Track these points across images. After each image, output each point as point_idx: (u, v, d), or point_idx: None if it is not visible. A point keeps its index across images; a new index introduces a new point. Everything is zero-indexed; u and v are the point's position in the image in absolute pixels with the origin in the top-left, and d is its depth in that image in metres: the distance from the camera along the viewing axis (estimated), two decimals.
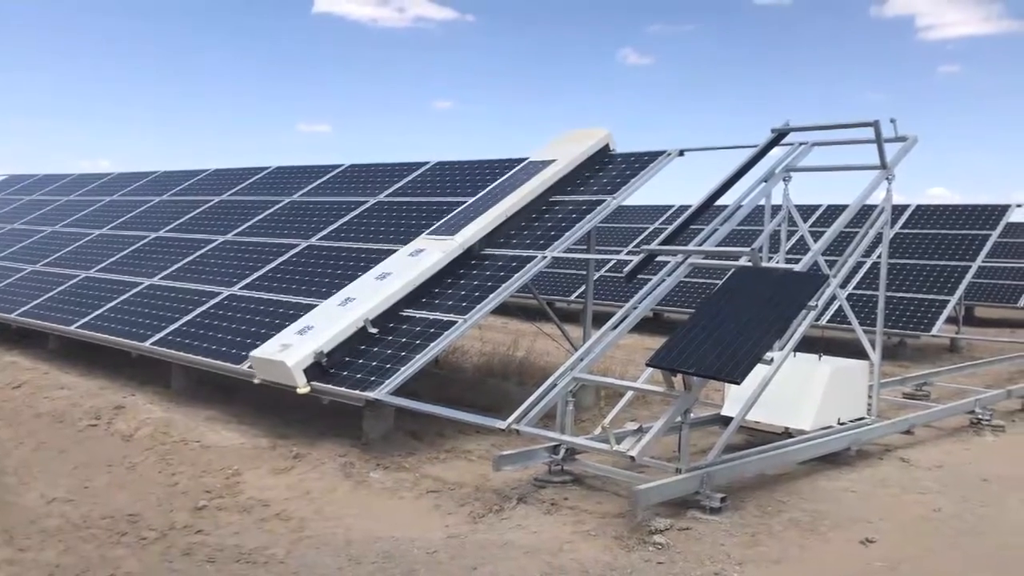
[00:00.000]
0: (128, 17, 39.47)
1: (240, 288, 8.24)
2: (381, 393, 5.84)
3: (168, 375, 7.70)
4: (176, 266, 9.39)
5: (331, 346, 6.23)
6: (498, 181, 8.29)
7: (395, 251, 7.87)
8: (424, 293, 6.92)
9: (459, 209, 7.91)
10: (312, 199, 10.08)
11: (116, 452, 5.84)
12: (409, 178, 9.61)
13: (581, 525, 4.58)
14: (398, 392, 5.89)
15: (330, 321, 6.43)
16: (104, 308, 8.83)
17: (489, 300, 6.58)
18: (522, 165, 8.34)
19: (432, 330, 6.42)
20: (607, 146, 8.26)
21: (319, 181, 10.56)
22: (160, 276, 9.23)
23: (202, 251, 9.61)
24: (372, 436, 6.12)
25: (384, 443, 6.08)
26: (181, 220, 10.93)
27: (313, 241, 8.81)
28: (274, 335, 7.00)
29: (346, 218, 9.10)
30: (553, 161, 8.02)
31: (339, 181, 10.36)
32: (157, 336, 7.74)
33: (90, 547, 4.18)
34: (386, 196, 9.34)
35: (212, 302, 8.14)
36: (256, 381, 6.38)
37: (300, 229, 9.25)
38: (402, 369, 6.01)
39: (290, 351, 6.14)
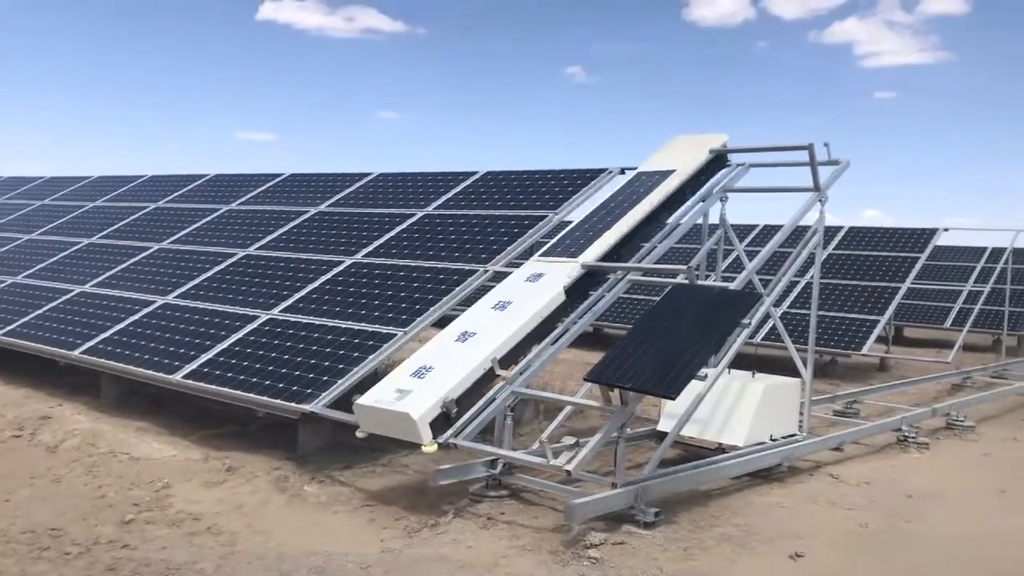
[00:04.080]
0: (61, 15, 38.47)
1: (175, 297, 8.08)
2: (317, 406, 5.78)
3: (98, 385, 7.50)
4: (109, 273, 9.16)
5: (458, 392, 5.15)
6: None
7: (340, 262, 7.82)
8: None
9: (569, 228, 6.81)
10: (251, 208, 9.94)
11: (40, 464, 5.66)
12: (351, 188, 9.55)
13: (517, 540, 4.58)
14: (335, 405, 5.83)
15: (453, 362, 5.33)
16: (31, 315, 8.57)
17: (430, 313, 6.57)
18: (634, 174, 7.34)
19: (371, 342, 6.38)
20: (722, 155, 7.24)
21: (259, 190, 10.43)
22: (92, 283, 9.00)
23: (136, 258, 9.40)
24: (307, 449, 6.04)
25: (320, 456, 6.00)
26: (115, 226, 10.68)
27: (251, 251, 8.68)
28: (212, 345, 6.90)
29: (286, 228, 9.00)
30: (672, 172, 7.04)
31: (279, 190, 10.25)
32: (87, 345, 7.54)
33: (10, 562, 4.04)
34: (328, 206, 9.27)
35: (146, 311, 7.96)
36: (360, 435, 5.35)
37: (238, 238, 9.12)
38: (339, 382, 5.96)
39: (412, 399, 5.05)
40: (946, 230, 14.52)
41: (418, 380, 5.20)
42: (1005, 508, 5.79)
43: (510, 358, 5.52)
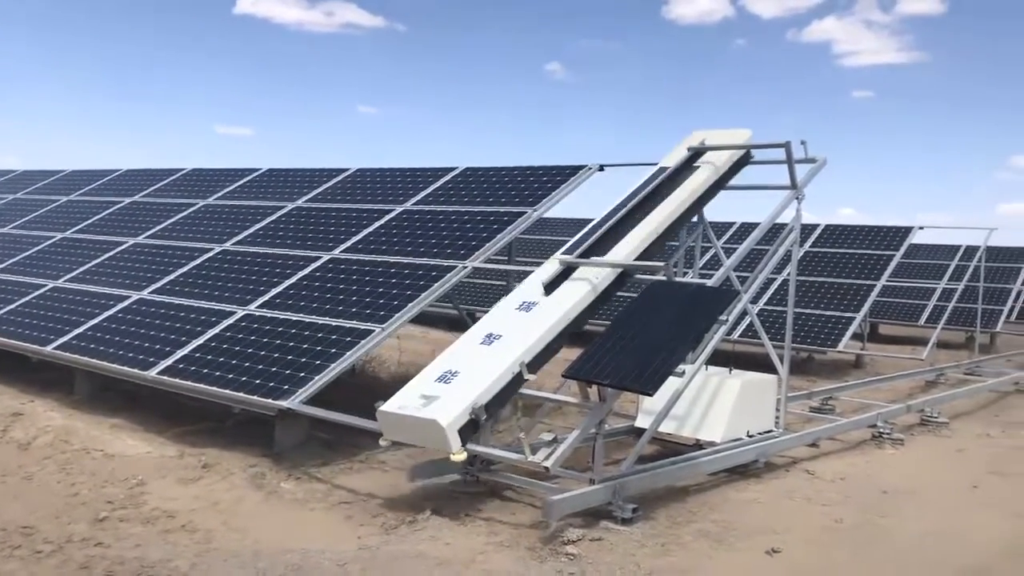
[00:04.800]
0: (34, 5, 37.99)
1: (150, 292, 8.00)
2: (294, 402, 5.74)
3: (72, 381, 7.41)
4: (83, 268, 9.06)
5: (487, 398, 4.89)
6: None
7: (318, 258, 7.78)
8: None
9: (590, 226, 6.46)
10: (228, 203, 9.86)
11: (11, 461, 5.58)
12: (329, 184, 9.50)
13: (495, 536, 4.58)
14: (312, 401, 5.80)
15: (479, 366, 5.07)
16: (3, 311, 8.45)
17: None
18: (655, 169, 6.94)
19: (348, 339, 6.34)
20: (748, 153, 6.92)
21: (236, 185, 10.35)
22: (65, 278, 8.89)
23: (111, 253, 9.30)
24: (284, 446, 6.00)
25: (296, 453, 5.96)
26: (90, 221, 10.56)
27: (228, 246, 8.61)
28: (187, 341, 6.84)
29: (263, 223, 8.93)
30: (697, 168, 6.72)
31: (257, 185, 10.17)
32: (60, 340, 7.45)
33: None
34: (305, 202, 9.21)
35: (120, 306, 7.88)
36: (384, 443, 5.13)
37: (215, 233, 9.04)
38: (315, 378, 5.92)
39: (439, 406, 4.80)
40: (921, 228, 14.68)
41: (444, 385, 4.95)
42: (977, 503, 5.85)
43: (539, 361, 5.26)
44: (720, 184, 6.74)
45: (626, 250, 5.95)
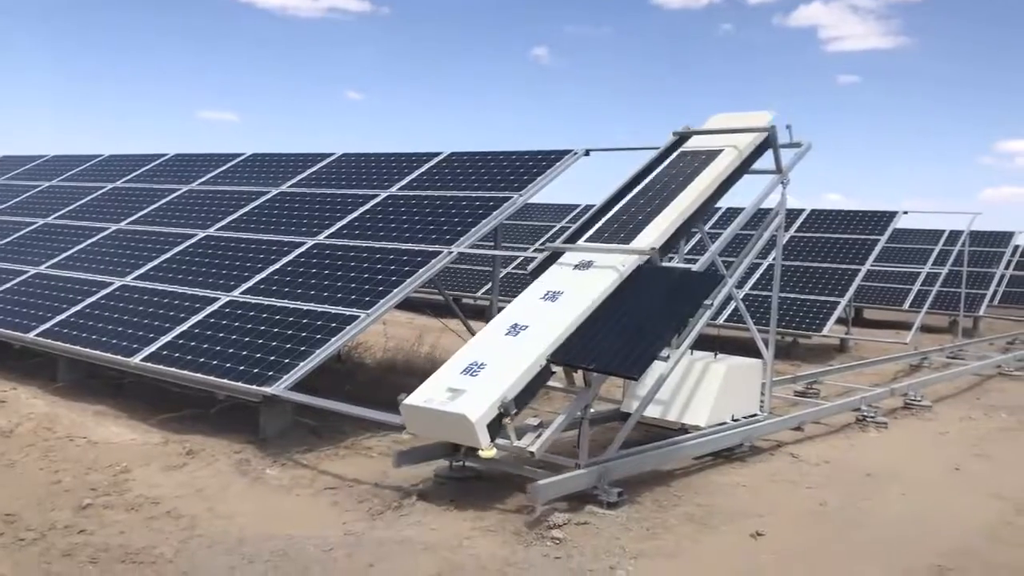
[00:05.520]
0: None
1: (133, 278, 7.94)
2: (279, 388, 5.72)
3: (55, 368, 7.36)
4: (65, 254, 8.98)
5: (515, 391, 4.74)
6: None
7: (302, 243, 7.73)
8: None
9: (613, 211, 6.35)
10: (212, 188, 9.79)
11: None
12: (314, 168, 9.44)
13: (480, 521, 4.58)
14: (297, 387, 5.78)
15: (507, 358, 4.94)
16: None
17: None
18: (676, 154, 6.85)
19: (333, 324, 6.32)
20: (771, 134, 6.71)
21: (219, 170, 10.27)
22: (47, 264, 8.82)
23: (93, 239, 9.22)
24: (269, 432, 5.98)
25: (282, 439, 5.94)
26: (72, 207, 10.46)
27: (212, 231, 8.55)
28: (171, 327, 6.80)
29: (248, 208, 8.87)
30: (720, 152, 6.58)
31: (240, 170, 10.10)
32: (42, 327, 7.39)
33: None
34: (290, 187, 9.15)
35: (103, 292, 7.82)
36: (406, 436, 5.12)
37: (199, 219, 8.98)
38: (300, 364, 5.90)
39: (468, 400, 4.66)
40: (905, 213, 14.74)
41: (471, 378, 4.82)
42: (960, 486, 5.90)
43: None
44: (744, 167, 6.65)
45: (653, 235, 5.83)
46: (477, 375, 4.84)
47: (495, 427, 4.64)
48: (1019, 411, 8.87)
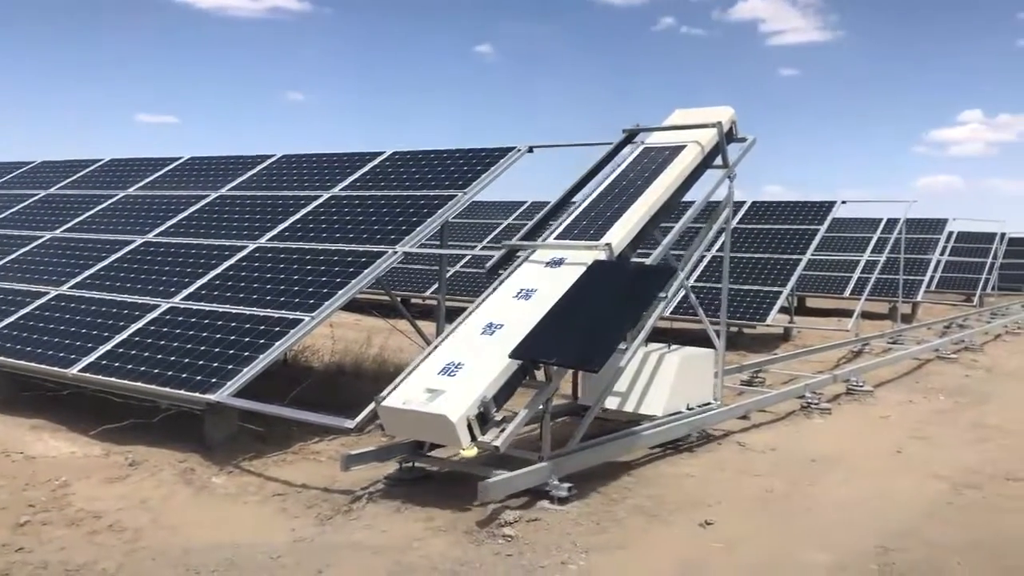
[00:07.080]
0: None
1: (70, 287, 7.74)
2: (223, 395, 5.62)
3: None
4: None
5: (494, 391, 4.77)
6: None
7: (244, 247, 7.61)
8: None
9: (581, 208, 6.41)
10: (149, 193, 9.58)
11: None
12: (255, 171, 9.30)
13: (432, 521, 4.55)
14: (242, 393, 5.68)
15: (484, 357, 4.96)
16: None
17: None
18: (640, 149, 6.94)
19: (277, 328, 6.24)
20: (731, 130, 6.96)
21: (157, 174, 10.06)
22: None
23: (27, 248, 8.96)
24: (214, 440, 5.87)
25: (228, 447, 5.84)
26: (3, 215, 10.15)
27: (150, 237, 8.37)
28: (110, 336, 6.64)
29: (186, 213, 8.70)
30: (683, 147, 6.70)
31: (178, 174, 9.90)
32: None
33: None
34: (229, 190, 9.00)
35: (38, 302, 7.60)
36: (383, 439, 5.10)
37: (136, 225, 8.78)
38: (244, 370, 5.80)
39: (447, 400, 4.69)
40: (844, 203, 15.05)
41: (449, 378, 4.84)
42: (901, 468, 6.05)
43: None
44: (708, 162, 6.81)
45: (621, 233, 5.91)
46: (455, 375, 4.87)
47: (475, 427, 4.66)
48: (956, 393, 9.13)
